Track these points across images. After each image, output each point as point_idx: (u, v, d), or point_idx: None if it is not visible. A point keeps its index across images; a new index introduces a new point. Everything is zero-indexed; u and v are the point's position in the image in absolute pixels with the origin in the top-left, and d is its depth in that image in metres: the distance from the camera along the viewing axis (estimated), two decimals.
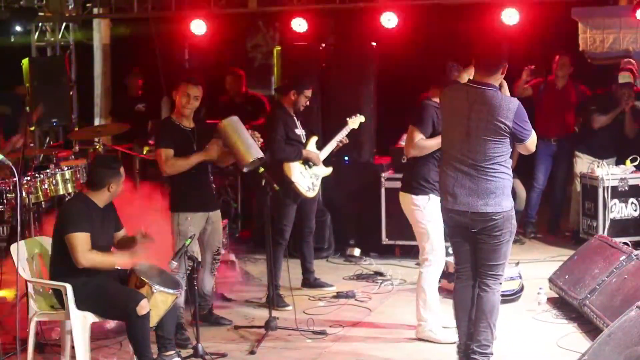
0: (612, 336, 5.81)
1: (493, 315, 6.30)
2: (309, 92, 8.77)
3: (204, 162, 7.43)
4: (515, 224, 6.31)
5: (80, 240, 6.29)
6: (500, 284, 6.36)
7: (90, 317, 6.39)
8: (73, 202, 6.99)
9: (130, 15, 11.90)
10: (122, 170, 6.67)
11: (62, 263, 6.41)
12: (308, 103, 8.82)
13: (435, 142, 7.06)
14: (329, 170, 9.00)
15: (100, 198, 6.54)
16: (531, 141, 6.24)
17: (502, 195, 6.13)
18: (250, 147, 7.36)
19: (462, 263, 6.45)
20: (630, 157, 10.40)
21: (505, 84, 6.40)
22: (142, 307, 6.19)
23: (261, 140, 7.72)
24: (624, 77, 10.59)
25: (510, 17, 11.08)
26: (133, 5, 11.74)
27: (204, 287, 7.74)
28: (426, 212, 7.24)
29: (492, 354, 6.32)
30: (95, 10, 12.33)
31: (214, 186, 7.81)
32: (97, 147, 10.32)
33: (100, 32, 12.91)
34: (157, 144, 7.44)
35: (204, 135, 7.53)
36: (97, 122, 12.83)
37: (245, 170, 7.55)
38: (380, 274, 9.54)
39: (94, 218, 6.47)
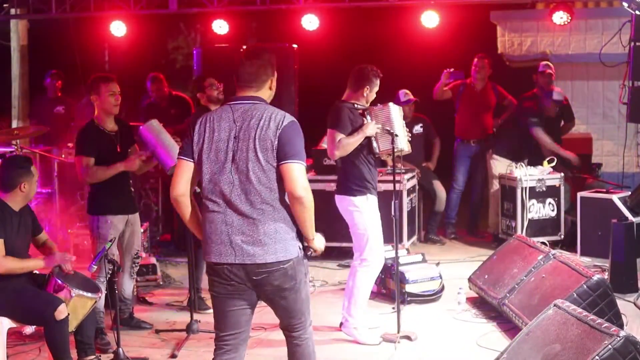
0: (531, 334, 5.89)
1: None
2: (209, 81, 8.59)
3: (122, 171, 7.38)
4: (307, 262, 5.16)
5: None
6: (309, 328, 5.28)
7: (7, 323, 6.28)
8: None
9: (49, 16, 11.72)
10: (33, 169, 6.55)
11: None
12: (220, 91, 8.67)
13: (357, 138, 7.19)
14: None
15: (15, 200, 6.42)
16: (295, 169, 4.87)
17: (288, 240, 4.97)
18: (172, 150, 7.31)
19: (229, 329, 5.16)
20: (548, 158, 10.57)
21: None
22: (60, 312, 6.11)
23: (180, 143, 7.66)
24: (559, 95, 10.83)
25: (430, 20, 11.17)
26: (51, 6, 11.56)
27: (124, 291, 7.68)
28: (365, 213, 7.27)
29: None
30: (13, 11, 12.12)
31: (133, 190, 7.72)
32: (15, 150, 10.15)
33: (17, 33, 12.70)
34: (78, 150, 7.29)
35: (126, 138, 7.49)
36: (15, 124, 12.61)
37: (169, 173, 7.48)
38: None
39: (10, 222, 6.35)
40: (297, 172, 4.86)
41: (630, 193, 9.55)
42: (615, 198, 9.57)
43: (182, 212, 5.12)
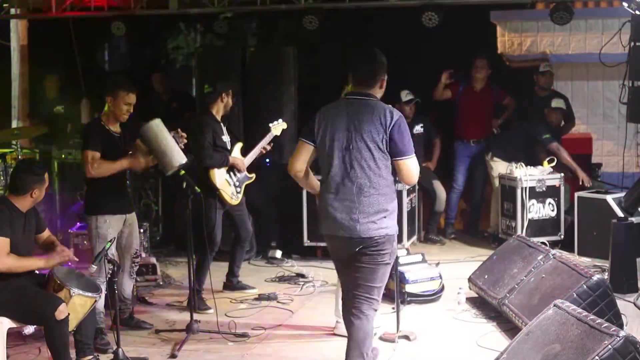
0: (531, 335, 5.88)
1: (366, 343, 5.86)
2: (232, 92, 8.78)
3: (127, 168, 7.40)
4: (396, 246, 5.92)
5: None
6: (375, 310, 5.92)
7: (6, 323, 6.27)
8: None
9: (49, 16, 11.71)
10: (46, 176, 6.62)
11: None
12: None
13: None
14: (252, 177, 8.97)
15: (23, 204, 6.47)
16: (410, 164, 5.74)
17: (389, 217, 5.77)
18: (173, 152, 7.29)
19: (345, 284, 6.09)
20: (548, 158, 10.57)
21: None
22: (61, 312, 6.11)
23: (185, 140, 7.62)
24: (557, 102, 10.83)
25: (430, 20, 11.14)
26: (51, 6, 11.55)
27: (124, 291, 7.67)
28: None
29: None
30: (13, 11, 12.11)
31: (129, 191, 7.72)
32: (15, 150, 10.15)
33: (17, 33, 12.68)
34: (84, 145, 7.32)
35: (130, 140, 7.51)
36: (14, 124, 12.60)
37: (167, 174, 7.48)
38: (302, 276, 9.55)
39: (16, 222, 6.38)
40: (410, 166, 5.72)
41: (625, 193, 9.54)
42: (609, 198, 9.58)
43: (299, 183, 6.23)
